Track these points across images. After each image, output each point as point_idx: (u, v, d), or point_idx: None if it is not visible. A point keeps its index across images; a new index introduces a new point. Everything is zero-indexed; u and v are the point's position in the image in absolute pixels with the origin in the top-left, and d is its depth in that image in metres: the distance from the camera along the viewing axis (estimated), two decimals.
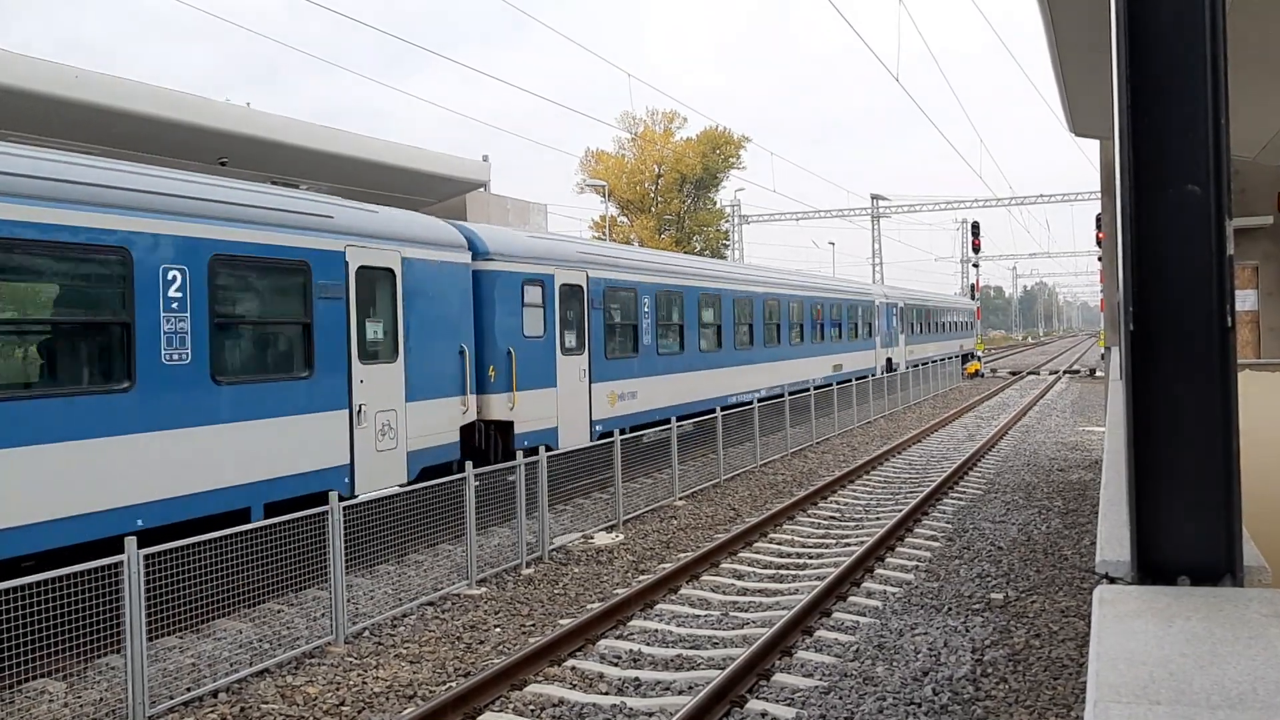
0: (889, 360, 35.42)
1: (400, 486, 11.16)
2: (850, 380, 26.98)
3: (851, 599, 9.82)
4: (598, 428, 15.99)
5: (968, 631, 8.70)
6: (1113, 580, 2.73)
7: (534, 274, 14.70)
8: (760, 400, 20.30)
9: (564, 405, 15.20)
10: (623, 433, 14.63)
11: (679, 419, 17.13)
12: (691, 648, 8.46)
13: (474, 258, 13.55)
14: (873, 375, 30.09)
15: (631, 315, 17.64)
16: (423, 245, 12.39)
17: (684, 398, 19.11)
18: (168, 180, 9.38)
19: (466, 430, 13.09)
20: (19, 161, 8.03)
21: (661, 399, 18.24)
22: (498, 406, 13.74)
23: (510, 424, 13.86)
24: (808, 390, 22.79)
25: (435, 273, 12.55)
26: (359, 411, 10.97)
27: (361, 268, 11.24)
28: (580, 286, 15.85)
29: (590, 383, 15.97)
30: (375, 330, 11.45)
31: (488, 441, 13.72)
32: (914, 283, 70.04)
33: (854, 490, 16.28)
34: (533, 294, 14.64)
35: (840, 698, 7.18)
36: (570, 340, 15.56)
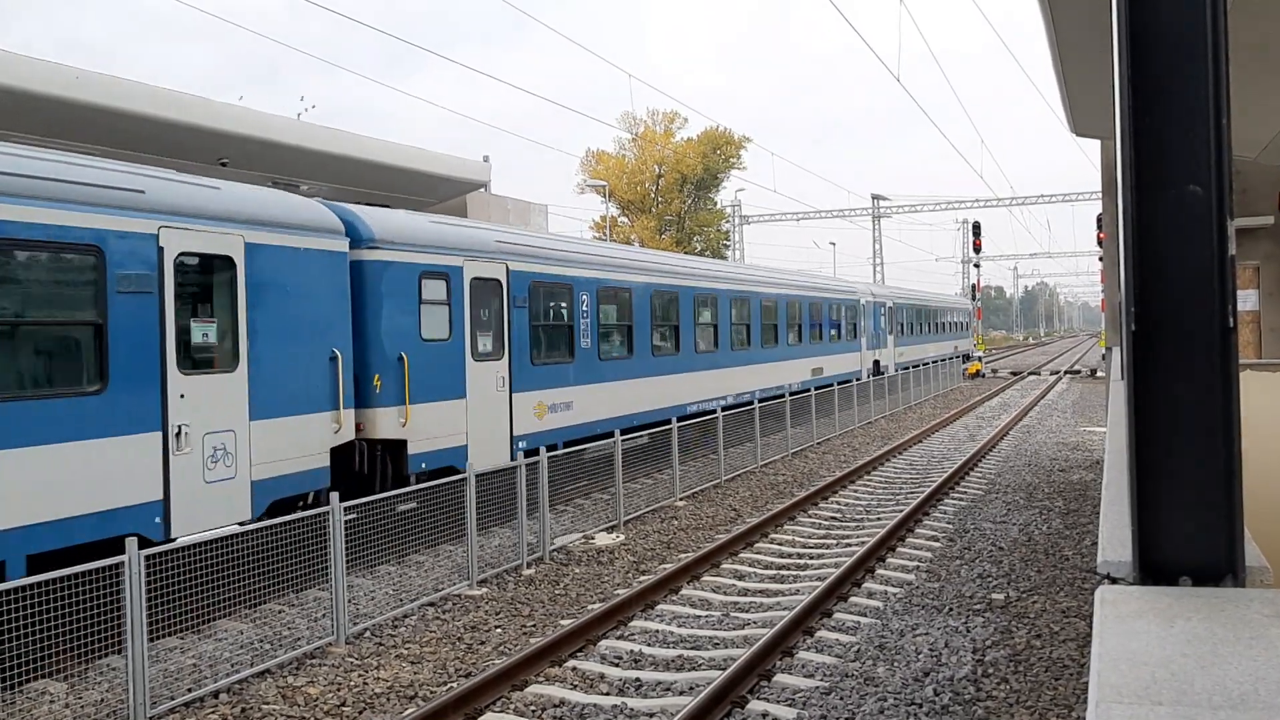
0: (876, 363, 33.43)
1: (241, 525, 9.29)
2: (833, 385, 25.85)
3: (852, 599, 9.81)
4: (521, 444, 13.78)
5: (969, 632, 8.69)
6: (1114, 581, 2.72)
7: (435, 265, 12.54)
8: (725, 409, 18.36)
9: (476, 419, 13.04)
10: (554, 449, 13.03)
11: (627, 431, 15.09)
12: (692, 648, 8.46)
13: (354, 245, 11.42)
14: (857, 379, 28.49)
15: (566, 315, 15.63)
16: (279, 229, 10.28)
17: (632, 408, 17.10)
18: None
19: (343, 452, 11.11)
20: None
21: (602, 409, 16.10)
22: (385, 423, 11.62)
23: (402, 443, 11.85)
24: (782, 397, 21.35)
25: (297, 262, 10.46)
26: (178, 434, 8.91)
27: (185, 255, 9.23)
28: (499, 281, 13.67)
29: (511, 392, 13.80)
30: (205, 333, 9.46)
31: (372, 464, 11.60)
32: (915, 283, 69.94)
33: (855, 491, 16.27)
34: (434, 289, 12.54)
35: (841, 698, 7.18)
36: (485, 344, 13.40)
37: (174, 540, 8.43)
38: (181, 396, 9.04)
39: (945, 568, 11.03)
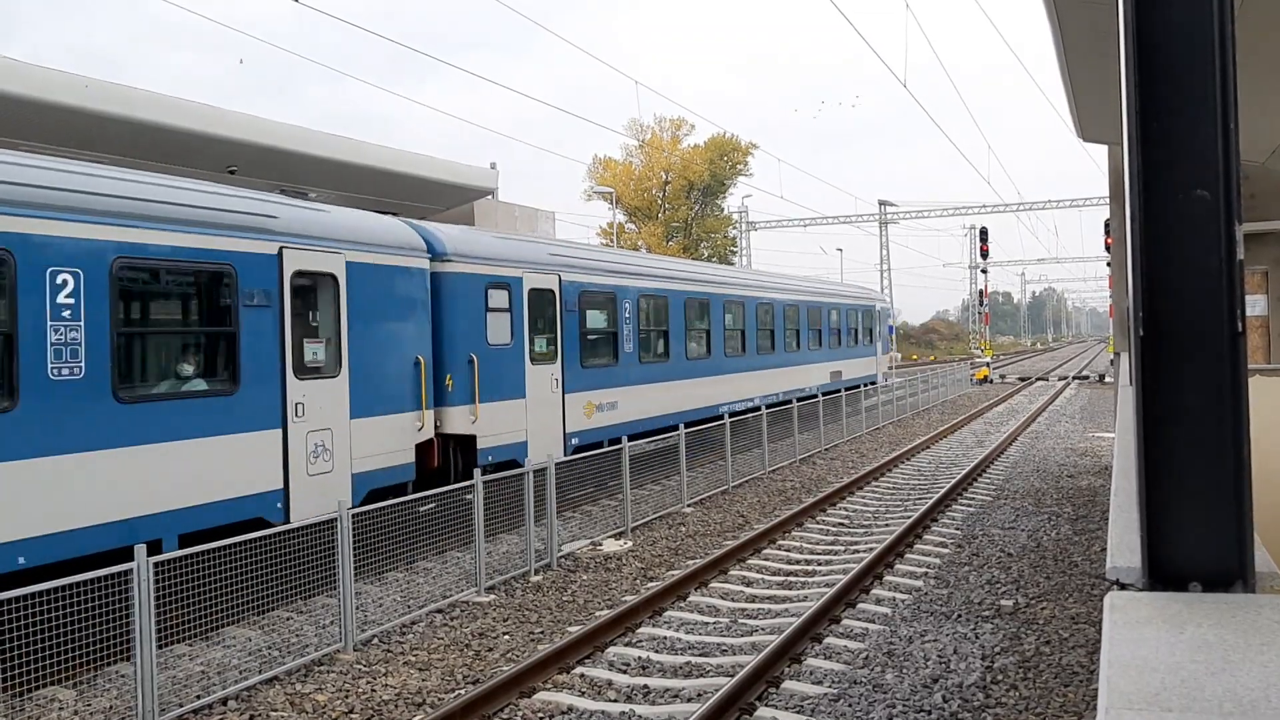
0: (461, 441, 12.91)
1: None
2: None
3: (861, 606, 9.79)
4: None
5: (977, 638, 8.67)
6: (1123, 586, 2.71)
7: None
8: None
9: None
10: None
11: None
12: (700, 655, 8.44)
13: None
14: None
15: None
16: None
17: None
18: None
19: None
20: None
21: None
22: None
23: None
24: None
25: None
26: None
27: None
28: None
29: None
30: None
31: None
32: (919, 289, 69.45)
33: (863, 497, 16.24)
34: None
35: (850, 705, 7.16)
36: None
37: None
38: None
39: (954, 574, 10.99)
